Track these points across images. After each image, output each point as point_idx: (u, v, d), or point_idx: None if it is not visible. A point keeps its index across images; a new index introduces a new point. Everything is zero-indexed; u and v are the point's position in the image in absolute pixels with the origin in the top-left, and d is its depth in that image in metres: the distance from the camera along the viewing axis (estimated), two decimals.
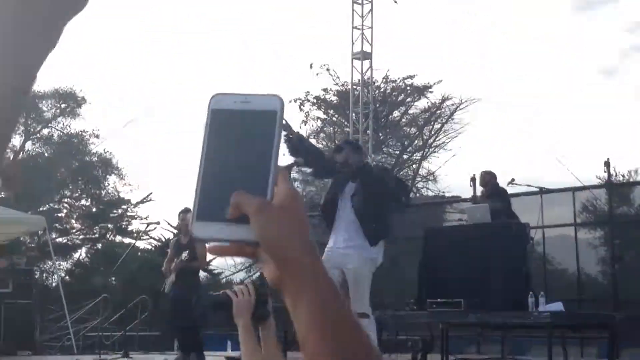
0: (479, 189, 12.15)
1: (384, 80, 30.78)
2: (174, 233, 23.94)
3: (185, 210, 11.38)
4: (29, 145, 32.95)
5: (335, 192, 8.12)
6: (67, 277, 30.11)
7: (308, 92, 32.13)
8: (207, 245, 0.99)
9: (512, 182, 12.03)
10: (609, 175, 14.22)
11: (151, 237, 31.21)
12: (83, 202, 34.63)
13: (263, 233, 0.94)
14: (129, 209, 34.29)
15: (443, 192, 30.07)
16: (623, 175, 21.68)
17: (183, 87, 52.59)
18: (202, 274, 18.43)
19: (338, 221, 8.04)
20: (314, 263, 0.96)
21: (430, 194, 31.03)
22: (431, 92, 31.37)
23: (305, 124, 31.45)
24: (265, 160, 0.96)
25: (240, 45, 53.76)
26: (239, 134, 0.97)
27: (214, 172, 0.97)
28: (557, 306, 9.49)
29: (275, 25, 52.56)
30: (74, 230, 34.20)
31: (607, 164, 13.78)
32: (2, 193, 19.89)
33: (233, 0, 51.99)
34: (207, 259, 15.36)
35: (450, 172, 31.67)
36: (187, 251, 10.78)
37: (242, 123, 0.98)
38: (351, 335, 0.96)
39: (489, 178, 11.67)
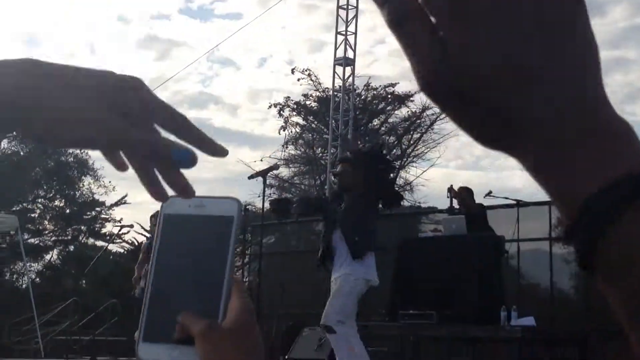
0: (456, 201, 12.16)
1: (365, 87, 30.92)
2: (146, 237, 23.93)
3: (157, 215, 11.30)
4: (4, 143, 32.79)
5: (328, 239, 7.95)
6: (37, 279, 30.01)
7: (288, 97, 32.37)
8: None
9: (489, 194, 12.07)
10: None
11: (124, 241, 31.19)
12: (57, 202, 34.55)
13: (206, 359, 0.90)
14: (103, 211, 34.24)
15: (419, 203, 30.22)
16: None
17: (162, 90, 52.46)
18: None
19: (335, 248, 7.89)
20: None
21: (406, 204, 31.10)
22: (412, 100, 31.45)
23: (284, 130, 31.57)
24: (218, 272, 0.92)
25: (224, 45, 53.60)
26: (191, 242, 0.94)
27: (164, 286, 0.94)
28: (529, 321, 9.50)
29: (257, 27, 52.65)
30: (46, 232, 34.09)
31: None
32: None
33: None
34: None
35: (428, 182, 31.50)
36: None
37: (196, 230, 0.95)
38: None
39: (465, 194, 11.69)
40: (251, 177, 8.92)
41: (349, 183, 7.94)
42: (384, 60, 45.54)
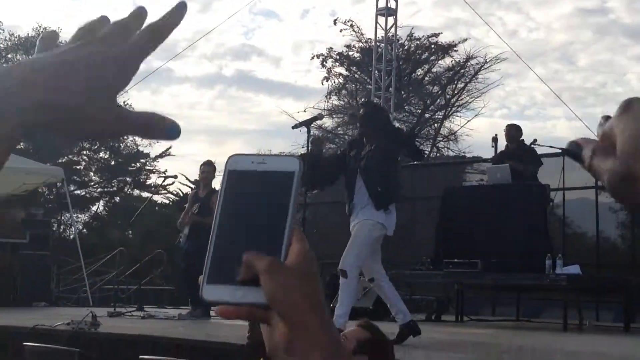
0: (501, 149, 12.05)
1: (408, 37, 30.80)
2: (191, 188, 24.14)
3: (207, 163, 11.37)
4: None
5: (350, 189, 8.00)
6: (84, 230, 30.43)
7: (331, 48, 32.27)
8: (217, 308, 0.96)
9: (534, 142, 11.94)
10: None
11: (169, 192, 31.48)
12: (102, 154, 34.83)
13: (273, 294, 0.91)
14: (147, 162, 34.54)
15: (464, 153, 30.09)
16: None
17: (205, 41, 52.55)
18: None
19: (355, 197, 7.93)
20: (324, 325, 0.94)
21: (451, 154, 31.02)
22: (456, 50, 31.30)
23: (327, 81, 31.53)
24: (280, 220, 0.94)
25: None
26: (254, 193, 0.96)
27: (227, 233, 0.95)
28: (575, 269, 9.52)
29: None
30: (92, 183, 34.49)
31: None
32: (22, 143, 20.01)
33: None
34: None
35: (472, 132, 31.29)
36: (198, 204, 10.77)
37: (259, 183, 0.96)
38: None
39: (514, 132, 11.51)
40: (295, 127, 8.87)
41: (368, 133, 7.98)
42: (427, 10, 45.23)
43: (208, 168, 11.30)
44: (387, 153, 7.97)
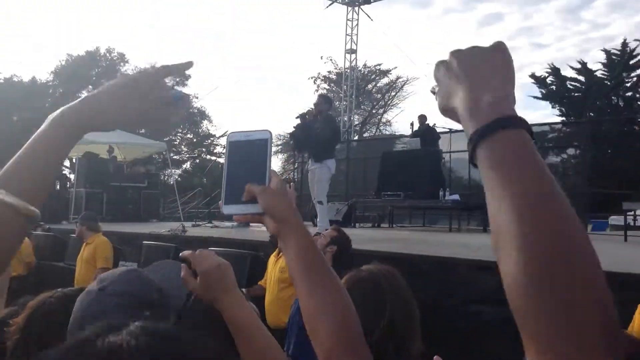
0: (415, 128, 12.04)
1: (363, 66, 30.57)
2: None
3: None
4: None
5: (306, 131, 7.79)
6: (178, 179, 30.26)
7: (319, 72, 32.54)
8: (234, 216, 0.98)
9: (433, 125, 11.93)
10: None
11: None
12: (188, 135, 34.60)
13: (266, 205, 0.93)
14: (214, 139, 34.36)
15: (394, 132, 30.18)
16: None
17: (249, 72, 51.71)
18: None
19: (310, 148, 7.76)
20: (297, 221, 0.95)
21: (387, 132, 31.16)
22: (390, 74, 31.46)
23: (316, 92, 31.73)
24: (264, 165, 0.95)
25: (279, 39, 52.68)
26: (246, 153, 0.97)
27: (233, 175, 0.96)
28: (455, 197, 9.52)
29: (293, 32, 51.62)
30: (182, 152, 34.29)
31: None
32: (143, 129, 19.87)
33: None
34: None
35: (399, 120, 31.50)
36: None
37: (248, 147, 0.97)
38: (318, 261, 0.95)
39: (422, 120, 11.68)
40: (297, 116, 8.63)
41: (321, 111, 7.80)
42: (376, 50, 44.71)
43: None
44: (331, 125, 7.87)
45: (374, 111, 32.60)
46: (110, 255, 6.25)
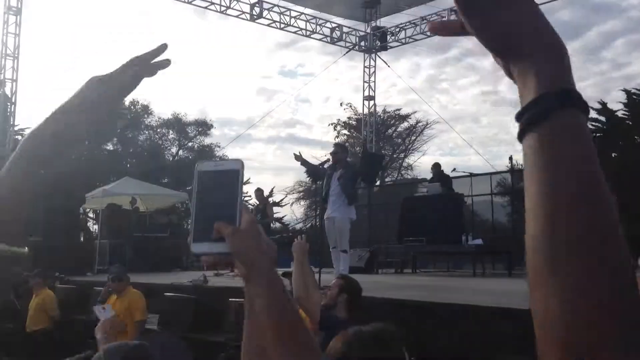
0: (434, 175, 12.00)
1: (382, 111, 30.83)
2: (251, 205, 24.03)
3: (258, 190, 11.15)
4: (181, 153, 33.39)
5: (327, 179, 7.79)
6: None
7: (339, 119, 32.83)
8: (202, 258, 0.91)
9: (454, 170, 11.90)
10: (512, 164, 14.12)
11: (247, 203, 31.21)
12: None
13: (234, 249, 0.88)
14: None
15: (416, 176, 30.08)
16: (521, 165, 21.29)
17: (268, 117, 52.48)
18: (276, 224, 18.27)
19: (330, 195, 7.72)
20: (268, 267, 0.90)
21: (408, 177, 31.10)
22: (410, 118, 31.67)
23: (337, 138, 31.84)
24: (234, 199, 0.89)
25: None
26: (216, 184, 0.90)
27: (202, 210, 0.89)
28: (478, 241, 9.42)
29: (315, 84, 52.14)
30: None
31: (510, 158, 13.74)
32: (166, 178, 20.08)
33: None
34: (274, 216, 15.11)
35: (420, 164, 31.44)
36: (259, 214, 10.70)
37: (218, 178, 0.90)
38: (289, 314, 0.90)
39: (435, 168, 11.57)
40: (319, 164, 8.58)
41: (340, 160, 7.82)
42: (394, 96, 45.08)
43: (259, 192, 11.16)
44: (353, 174, 7.93)
45: (395, 155, 32.62)
46: (144, 307, 6.42)
